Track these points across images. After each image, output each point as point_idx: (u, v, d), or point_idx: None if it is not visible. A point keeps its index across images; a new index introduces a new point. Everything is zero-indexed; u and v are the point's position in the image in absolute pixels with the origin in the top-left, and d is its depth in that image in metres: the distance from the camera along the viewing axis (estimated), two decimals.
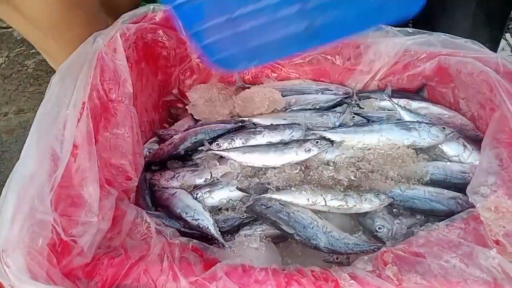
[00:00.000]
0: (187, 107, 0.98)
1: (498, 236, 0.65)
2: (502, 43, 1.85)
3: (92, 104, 0.71)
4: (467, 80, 0.84)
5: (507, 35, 1.96)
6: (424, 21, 1.70)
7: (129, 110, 0.76)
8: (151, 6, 0.89)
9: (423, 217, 0.78)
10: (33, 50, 2.05)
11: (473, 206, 0.69)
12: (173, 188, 0.81)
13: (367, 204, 0.75)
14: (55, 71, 1.21)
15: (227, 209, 0.79)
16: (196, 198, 0.79)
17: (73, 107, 0.70)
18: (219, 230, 0.75)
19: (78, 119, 0.69)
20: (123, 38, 0.81)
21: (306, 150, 0.78)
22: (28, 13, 0.85)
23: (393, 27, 0.94)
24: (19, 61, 2.02)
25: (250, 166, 0.81)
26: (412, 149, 0.82)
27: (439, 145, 0.83)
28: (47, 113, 0.68)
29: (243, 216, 0.76)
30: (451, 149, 0.83)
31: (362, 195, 0.75)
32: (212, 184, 0.81)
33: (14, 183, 0.59)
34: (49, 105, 0.69)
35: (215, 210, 0.79)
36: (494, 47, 1.63)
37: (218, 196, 0.80)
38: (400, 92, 0.95)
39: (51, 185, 0.59)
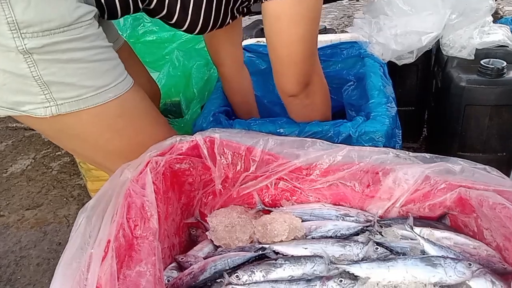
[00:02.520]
0: (207, 233, 0.98)
1: None
2: None
3: (117, 243, 0.72)
4: (489, 214, 0.84)
5: None
6: (439, 137, 1.75)
7: (153, 247, 0.77)
8: (178, 138, 0.93)
9: None
10: (59, 152, 2.14)
11: None
12: None
13: None
14: (77, 174, 1.22)
15: None
16: None
17: (97, 247, 0.71)
18: None
19: (103, 259, 0.70)
20: (153, 173, 0.84)
21: None
22: (87, 139, 0.89)
23: (410, 153, 0.96)
24: (44, 163, 2.10)
25: None
26: (439, 286, 0.79)
27: (467, 282, 0.81)
28: (72, 257, 0.69)
29: None
30: (479, 285, 0.80)
31: None
32: None
33: None
34: (74, 247, 0.71)
35: None
36: (511, 156, 1.65)
37: None
38: (422, 220, 0.94)
39: None
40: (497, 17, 2.98)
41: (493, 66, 1.47)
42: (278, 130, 1.14)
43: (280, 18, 0.89)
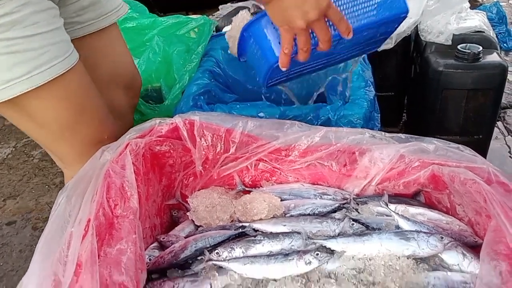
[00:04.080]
0: (188, 213, 0.99)
1: None
2: (495, 132, 1.91)
3: (97, 222, 0.73)
4: (461, 189, 0.86)
5: (499, 124, 2.03)
6: (418, 121, 1.79)
7: (134, 225, 0.78)
8: (157, 120, 0.94)
9: None
10: None
11: None
12: None
13: None
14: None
15: None
16: None
17: (78, 225, 0.72)
18: None
19: (83, 237, 0.71)
20: (133, 154, 0.85)
21: (307, 262, 0.79)
22: (37, 117, 0.89)
23: (386, 134, 0.99)
24: (25, 151, 2.08)
25: (251, 278, 0.81)
26: (412, 259, 0.82)
27: (439, 254, 0.84)
28: (52, 235, 0.70)
29: None
30: (451, 258, 0.84)
31: None
32: None
33: None
34: (53, 226, 0.72)
35: None
36: (487, 138, 1.69)
37: None
38: (397, 198, 0.97)
39: None
40: (476, 5, 3.03)
41: (469, 51, 1.50)
42: (259, 114, 1.15)
43: None
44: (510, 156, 1.87)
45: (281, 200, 0.99)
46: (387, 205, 0.92)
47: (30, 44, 0.82)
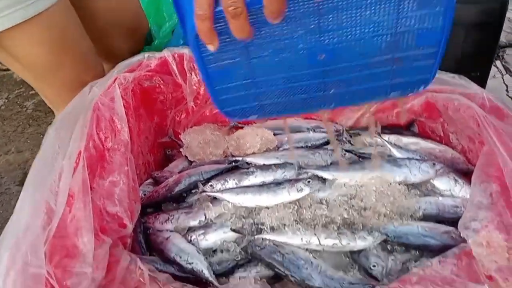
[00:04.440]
0: (181, 149, 0.99)
1: (491, 272, 0.65)
2: (493, 70, 1.88)
3: (88, 153, 0.73)
4: (454, 116, 0.86)
5: (498, 63, 1.99)
6: None
7: (125, 158, 0.78)
8: (146, 54, 0.92)
9: (417, 252, 0.79)
10: (32, 92, 2.09)
11: (466, 241, 0.70)
12: (167, 231, 0.82)
13: (361, 242, 0.75)
14: (53, 112, 1.23)
15: (221, 251, 0.79)
16: (190, 241, 0.80)
17: (69, 158, 0.71)
18: (214, 273, 0.75)
19: (74, 169, 0.70)
20: (121, 87, 0.84)
21: (298, 189, 0.79)
22: (20, 57, 0.87)
23: None
24: (18, 102, 2.06)
25: (244, 207, 0.82)
26: (404, 185, 0.83)
27: (431, 181, 0.84)
28: (42, 166, 0.70)
29: (237, 257, 0.77)
30: (442, 183, 0.84)
31: (355, 233, 0.76)
32: (206, 226, 0.82)
33: (8, 239, 0.60)
34: (44, 157, 0.71)
35: (209, 252, 0.80)
36: (484, 76, 1.67)
37: (213, 238, 0.80)
38: (390, 128, 0.96)
39: (45, 238, 0.60)
40: None
41: None
42: None
43: None
44: (507, 95, 1.85)
45: (274, 135, 0.98)
46: (379, 135, 0.91)
47: None
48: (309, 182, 0.79)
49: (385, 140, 0.91)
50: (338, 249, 0.76)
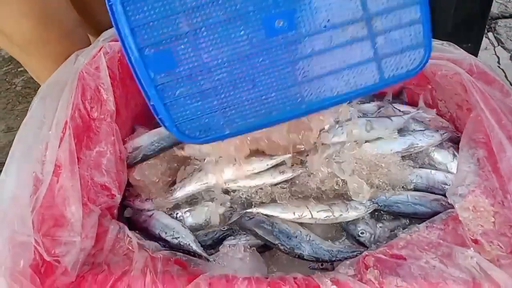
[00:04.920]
0: None
1: (477, 235, 0.66)
2: (485, 42, 1.87)
3: (74, 123, 0.72)
4: (442, 82, 0.86)
5: (490, 34, 1.98)
6: None
7: (111, 128, 0.77)
8: None
9: (406, 220, 0.79)
10: (21, 68, 2.06)
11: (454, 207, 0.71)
12: (148, 210, 0.81)
13: (353, 212, 0.76)
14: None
15: (208, 225, 0.79)
16: (176, 217, 0.79)
17: (55, 127, 0.71)
18: (202, 245, 0.75)
19: (61, 139, 0.70)
20: (107, 57, 0.82)
21: (281, 172, 0.79)
22: (3, 30, 0.86)
23: None
24: (7, 79, 2.03)
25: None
26: (401, 156, 0.82)
27: (430, 152, 0.84)
28: (28, 134, 0.69)
29: (224, 228, 0.77)
30: (440, 156, 0.84)
31: (347, 203, 0.76)
32: (191, 203, 0.81)
33: None
34: (29, 126, 0.71)
35: (196, 226, 0.79)
36: (476, 47, 1.66)
37: (199, 214, 0.79)
38: (379, 96, 0.96)
39: (32, 206, 0.60)
40: None
41: None
42: None
43: None
44: (499, 67, 1.85)
45: None
46: (390, 102, 0.91)
47: None
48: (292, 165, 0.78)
49: (395, 108, 0.90)
50: (331, 221, 0.76)
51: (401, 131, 0.83)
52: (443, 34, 1.60)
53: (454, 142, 0.87)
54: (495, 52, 1.90)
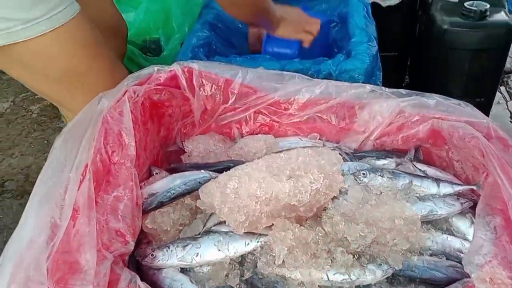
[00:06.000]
0: (181, 157, 0.99)
1: None
2: (497, 96, 1.89)
3: (94, 167, 0.73)
4: (459, 144, 0.86)
5: (502, 88, 2.00)
6: (420, 82, 1.76)
7: (130, 173, 0.78)
8: (155, 67, 0.92)
9: (422, 286, 0.77)
10: (38, 96, 2.10)
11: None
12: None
13: (370, 275, 0.74)
14: (58, 117, 1.21)
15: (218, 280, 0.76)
16: (187, 269, 0.78)
17: (75, 170, 0.72)
18: None
19: (80, 182, 0.71)
20: (131, 101, 0.84)
21: None
22: (51, 65, 0.88)
23: (387, 89, 0.97)
24: (24, 106, 2.07)
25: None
26: (420, 220, 0.80)
27: (449, 219, 0.83)
28: (48, 178, 0.70)
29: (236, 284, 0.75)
30: (460, 222, 0.83)
31: (365, 266, 0.74)
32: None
33: (11, 251, 0.60)
34: (50, 170, 0.71)
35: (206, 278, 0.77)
36: (489, 102, 1.67)
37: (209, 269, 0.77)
38: (395, 153, 0.96)
39: (49, 253, 0.60)
40: None
41: (476, 8, 1.46)
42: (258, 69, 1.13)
43: None
44: (511, 121, 1.86)
45: None
46: (411, 160, 0.91)
47: None
48: None
49: (417, 167, 0.90)
50: (348, 284, 0.74)
51: (420, 193, 0.84)
52: (457, 87, 1.62)
53: (471, 206, 0.86)
54: (507, 106, 1.91)
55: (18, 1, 0.78)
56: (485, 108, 1.69)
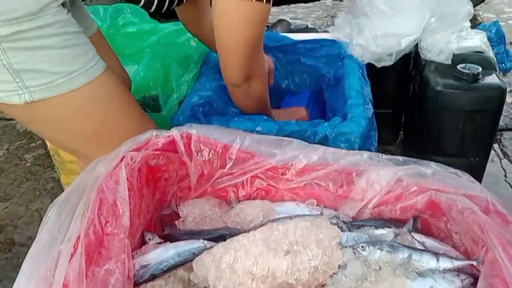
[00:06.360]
0: (176, 222, 0.98)
1: None
2: (492, 154, 1.91)
3: (87, 240, 0.71)
4: (458, 218, 0.85)
5: (495, 146, 2.02)
6: (414, 140, 1.78)
7: (123, 244, 0.76)
8: (154, 132, 0.92)
9: None
10: (33, 144, 2.09)
11: None
12: None
13: None
14: (51, 167, 1.19)
15: None
16: None
17: (67, 242, 0.70)
18: None
19: (72, 255, 0.69)
20: (128, 168, 0.83)
21: None
22: (84, 117, 0.90)
23: (383, 156, 0.98)
24: (18, 154, 2.05)
25: None
26: None
27: None
28: (39, 253, 0.68)
29: None
30: None
31: None
32: None
33: None
34: (42, 243, 0.69)
35: None
36: (483, 161, 1.68)
37: None
38: (393, 223, 0.95)
39: None
40: (475, 23, 3.05)
41: (468, 71, 1.50)
42: (256, 128, 1.14)
43: (229, 14, 0.92)
44: (505, 180, 1.86)
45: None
46: (410, 231, 0.90)
47: (81, 39, 0.86)
48: None
49: (416, 239, 0.89)
50: None
51: (420, 269, 0.82)
52: (451, 147, 1.64)
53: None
54: (501, 164, 1.92)
55: (59, 55, 0.81)
56: (480, 168, 1.70)
